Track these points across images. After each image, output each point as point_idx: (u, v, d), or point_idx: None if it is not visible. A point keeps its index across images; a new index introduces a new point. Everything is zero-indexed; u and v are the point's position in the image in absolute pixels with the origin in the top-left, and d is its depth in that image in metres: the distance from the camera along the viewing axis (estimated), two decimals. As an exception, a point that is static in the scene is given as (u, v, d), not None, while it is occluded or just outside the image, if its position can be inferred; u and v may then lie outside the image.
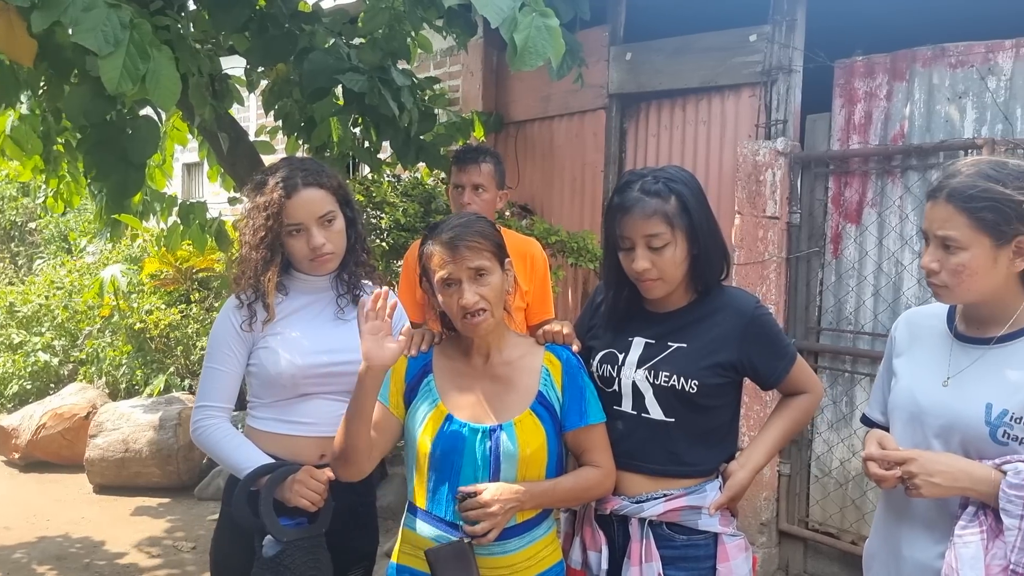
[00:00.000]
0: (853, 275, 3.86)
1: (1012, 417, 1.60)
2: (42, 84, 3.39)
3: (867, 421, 1.96)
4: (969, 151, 3.42)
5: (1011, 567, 1.53)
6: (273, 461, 2.03)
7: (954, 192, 1.61)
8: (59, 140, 4.27)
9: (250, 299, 2.06)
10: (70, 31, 2.09)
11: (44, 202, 5.78)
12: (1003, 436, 1.60)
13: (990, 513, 1.59)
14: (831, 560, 3.98)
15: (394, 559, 1.93)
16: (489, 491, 1.75)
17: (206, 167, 5.31)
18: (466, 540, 1.75)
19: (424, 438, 1.84)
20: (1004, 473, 1.56)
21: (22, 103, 4.02)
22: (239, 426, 2.12)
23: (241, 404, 2.20)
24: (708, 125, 4.39)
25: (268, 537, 1.95)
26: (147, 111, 3.18)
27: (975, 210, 1.59)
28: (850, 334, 3.87)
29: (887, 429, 1.84)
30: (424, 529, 1.84)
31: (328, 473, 2.00)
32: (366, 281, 2.20)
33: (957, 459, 1.63)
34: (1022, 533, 1.52)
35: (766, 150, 3.95)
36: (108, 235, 4.69)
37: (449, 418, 1.84)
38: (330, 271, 2.13)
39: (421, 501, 1.87)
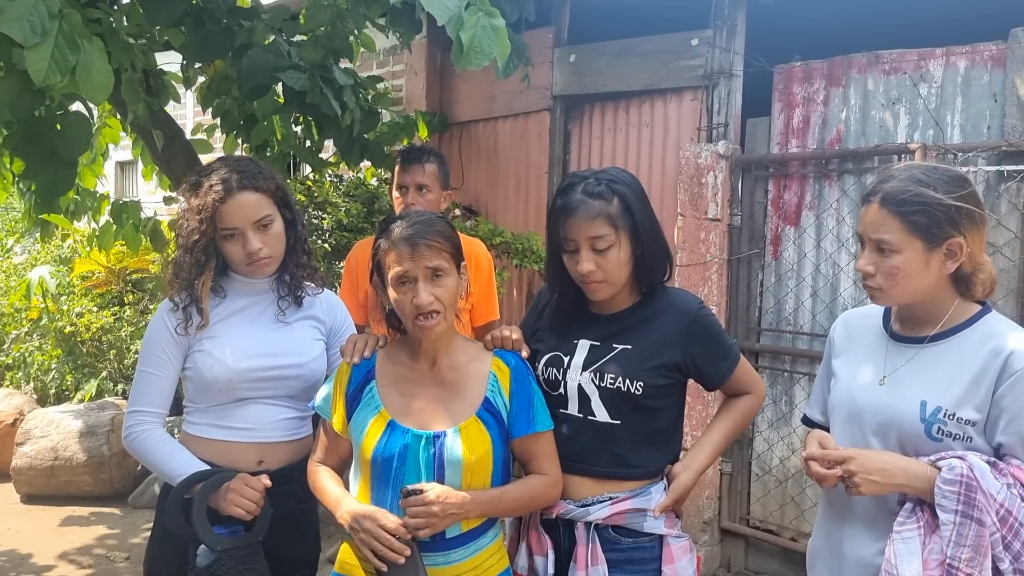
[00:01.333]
0: (792, 276, 3.93)
1: (946, 414, 1.64)
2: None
3: (807, 421, 1.99)
4: (902, 156, 3.51)
5: (947, 561, 1.56)
6: (208, 468, 1.97)
7: (887, 197, 1.65)
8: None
9: (185, 302, 1.99)
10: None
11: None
12: (937, 432, 1.64)
13: (927, 509, 1.62)
14: (771, 557, 4.04)
15: (336, 568, 1.89)
16: (435, 491, 1.72)
17: (140, 165, 5.16)
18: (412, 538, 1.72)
19: (366, 445, 1.80)
20: (939, 469, 1.60)
21: None
22: (175, 432, 2.05)
23: (177, 409, 2.13)
24: (651, 127, 4.43)
25: (202, 546, 1.89)
26: (77, 107, 3.06)
27: (907, 214, 1.63)
28: (789, 334, 3.94)
29: (827, 429, 1.87)
30: None
31: (265, 480, 1.95)
32: (308, 283, 2.15)
33: (895, 457, 1.66)
34: (957, 528, 1.56)
35: (708, 153, 4.00)
36: (37, 235, 4.52)
37: (392, 424, 1.80)
38: (268, 275, 2.08)
39: (364, 509, 1.82)
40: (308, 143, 4.12)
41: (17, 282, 6.94)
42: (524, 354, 1.94)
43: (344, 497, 1.85)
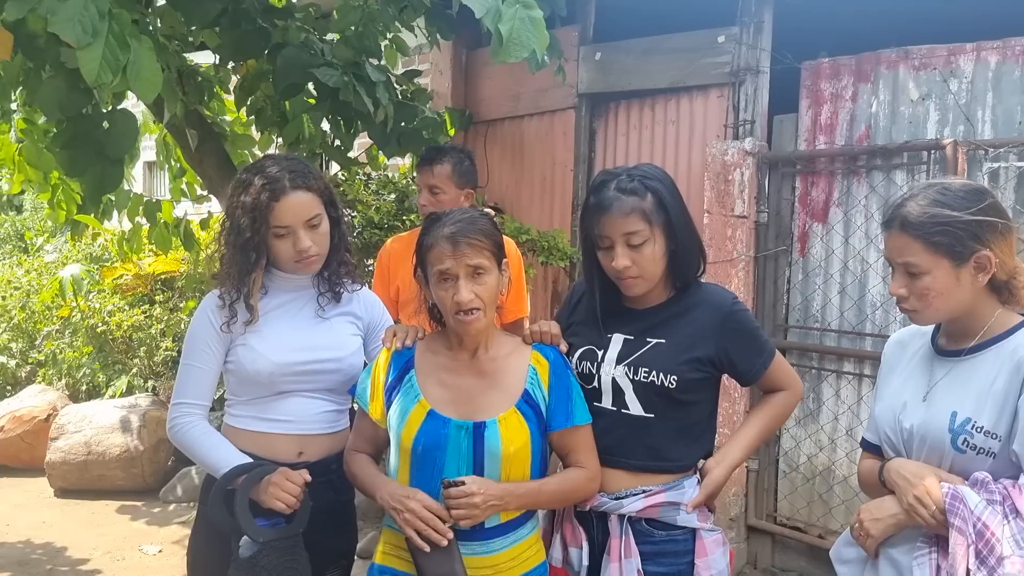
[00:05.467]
0: (820, 273, 3.92)
1: (974, 426, 1.63)
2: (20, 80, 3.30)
3: (865, 444, 1.95)
4: (932, 152, 3.50)
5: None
6: (250, 460, 2.01)
7: (906, 221, 1.67)
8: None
9: (232, 299, 2.03)
10: (46, 20, 2.04)
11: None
12: (963, 444, 1.63)
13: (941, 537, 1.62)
14: (799, 554, 4.04)
15: (376, 559, 1.92)
16: (476, 482, 1.75)
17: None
18: (448, 527, 1.74)
19: (406, 434, 1.82)
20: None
21: (14, 111, 3.94)
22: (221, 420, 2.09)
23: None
24: (677, 125, 4.44)
25: (244, 538, 1.93)
26: (123, 104, 3.12)
27: (928, 235, 1.64)
28: (817, 331, 3.94)
29: (881, 451, 1.85)
30: None
31: (305, 475, 1.97)
32: (346, 279, 2.19)
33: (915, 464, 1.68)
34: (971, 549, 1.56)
35: (734, 150, 4.00)
36: (68, 234, 4.58)
37: (432, 414, 1.83)
38: (314, 272, 2.12)
39: (403, 499, 1.85)
40: (337, 142, 4.16)
41: (48, 280, 7.04)
42: (563, 348, 1.96)
43: (384, 479, 1.88)
